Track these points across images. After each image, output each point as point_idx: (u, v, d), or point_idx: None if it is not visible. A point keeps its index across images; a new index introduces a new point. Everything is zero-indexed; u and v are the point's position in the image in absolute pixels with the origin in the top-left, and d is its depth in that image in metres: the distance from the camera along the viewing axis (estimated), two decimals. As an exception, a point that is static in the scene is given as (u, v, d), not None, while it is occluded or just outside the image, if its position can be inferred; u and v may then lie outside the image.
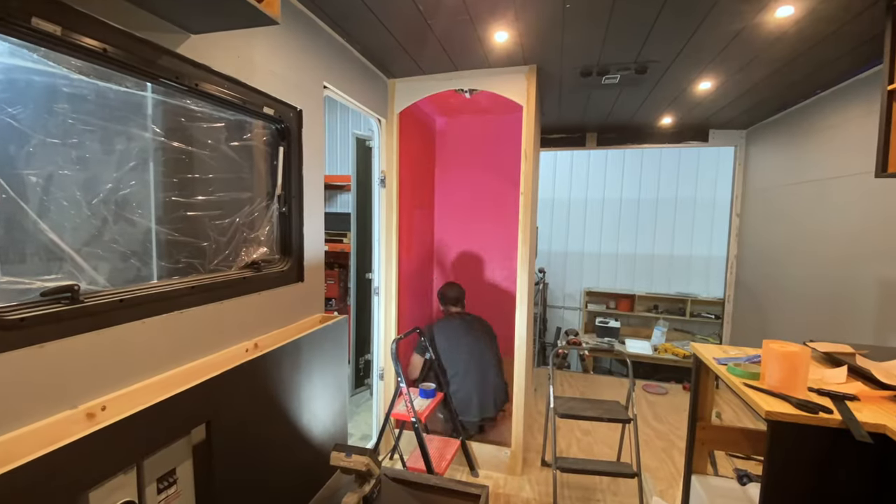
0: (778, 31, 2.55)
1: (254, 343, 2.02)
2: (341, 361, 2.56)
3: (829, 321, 3.48)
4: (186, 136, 1.72)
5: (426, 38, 2.73)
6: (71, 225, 1.32)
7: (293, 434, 2.12)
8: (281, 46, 2.16)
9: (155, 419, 1.39)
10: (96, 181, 1.39)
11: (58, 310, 1.24)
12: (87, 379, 1.33)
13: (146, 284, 1.54)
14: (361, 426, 4.20)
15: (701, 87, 3.59)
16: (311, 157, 2.40)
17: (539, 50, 2.90)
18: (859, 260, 3.17)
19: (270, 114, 2.06)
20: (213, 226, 1.85)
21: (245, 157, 2.02)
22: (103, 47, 1.31)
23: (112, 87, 1.42)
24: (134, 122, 1.51)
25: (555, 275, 7.14)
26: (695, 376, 2.34)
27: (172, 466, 1.52)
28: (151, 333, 1.53)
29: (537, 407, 4.63)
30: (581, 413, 3.17)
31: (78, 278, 1.32)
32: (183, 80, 1.60)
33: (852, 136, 3.28)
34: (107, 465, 1.26)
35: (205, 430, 1.61)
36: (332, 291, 5.34)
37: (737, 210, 5.19)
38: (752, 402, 1.68)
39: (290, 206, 2.25)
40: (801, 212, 3.92)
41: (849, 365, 1.91)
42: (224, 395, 1.68)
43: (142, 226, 1.55)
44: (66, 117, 1.29)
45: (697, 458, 2.38)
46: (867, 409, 1.59)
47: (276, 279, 2.18)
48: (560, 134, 5.54)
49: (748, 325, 4.96)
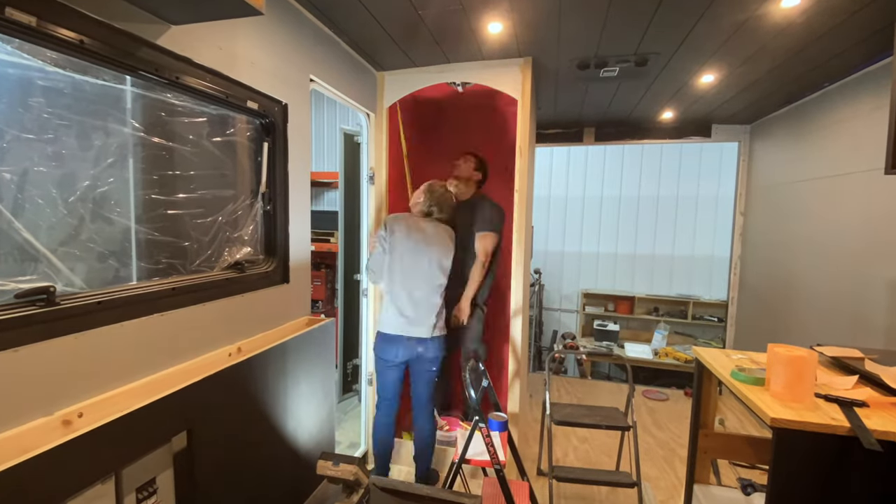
0: (783, 22, 2.58)
1: (237, 347, 2.02)
2: (328, 366, 2.57)
3: (837, 324, 3.49)
4: (167, 132, 1.73)
5: (417, 29, 2.75)
6: (46, 224, 1.32)
7: (278, 442, 2.12)
8: (265, 38, 2.17)
9: (134, 426, 1.39)
10: (73, 178, 1.40)
11: (33, 312, 1.24)
12: (64, 384, 1.34)
13: (125, 286, 1.55)
14: (349, 433, 4.21)
15: (703, 81, 3.62)
16: (296, 152, 2.40)
17: (534, 41, 2.92)
18: (869, 260, 3.18)
19: (254, 108, 2.07)
20: (194, 225, 1.86)
21: (228, 154, 2.03)
22: (80, 39, 1.31)
23: (89, 81, 1.43)
24: (112, 116, 1.51)
25: (551, 276, 7.17)
26: (697, 382, 2.35)
27: (152, 476, 1.52)
28: (131, 337, 1.54)
29: (533, 414, 4.65)
30: (578, 420, 3.18)
31: (54, 279, 1.32)
32: (163, 73, 1.61)
33: (861, 131, 3.29)
34: (84, 474, 1.27)
35: (186, 437, 1.62)
36: (318, 293, 5.34)
37: (741, 208, 5.23)
38: (757, 409, 1.69)
39: (275, 204, 2.26)
40: (808, 210, 3.94)
41: (857, 370, 1.92)
42: (206, 402, 1.69)
43: (120, 225, 1.56)
44: (42, 112, 1.30)
45: (700, 468, 2.39)
46: (877, 416, 1.59)
47: (261, 280, 2.19)
48: (556, 129, 5.57)
49: (753, 328, 5.00)
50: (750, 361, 2.11)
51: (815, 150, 3.87)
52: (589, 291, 6.93)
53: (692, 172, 6.59)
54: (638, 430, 3.34)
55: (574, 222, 7.09)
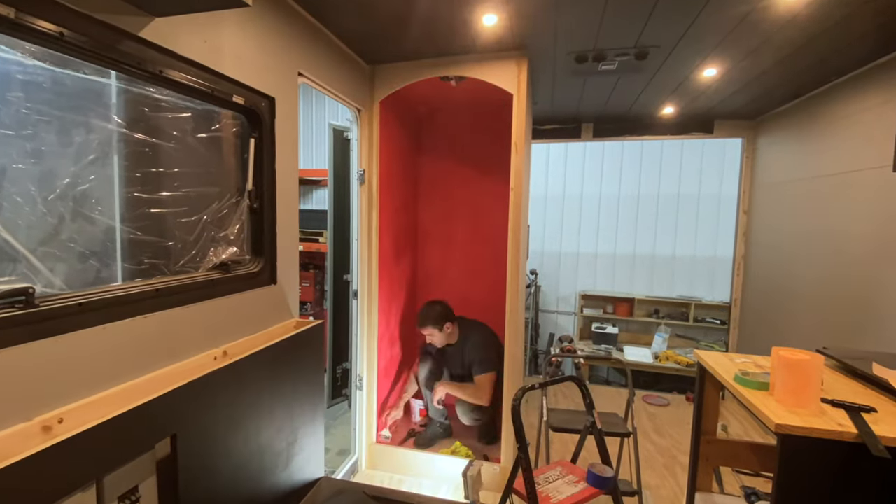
0: (789, 13, 2.59)
1: (223, 351, 2.03)
2: (317, 370, 2.57)
3: (844, 327, 3.49)
4: (150, 127, 1.73)
5: (408, 21, 2.75)
6: (25, 223, 1.33)
7: (265, 448, 2.13)
8: (252, 30, 2.17)
9: (117, 432, 1.40)
10: (53, 176, 1.40)
11: (11, 314, 1.24)
12: (43, 389, 1.34)
13: (107, 287, 1.55)
14: (339, 440, 4.21)
15: (705, 75, 3.64)
16: (284, 149, 2.41)
17: (531, 34, 2.93)
18: (879, 261, 3.16)
19: (241, 103, 2.08)
20: (178, 224, 1.86)
21: (213, 150, 2.04)
22: (60, 31, 1.32)
23: (70, 74, 1.44)
24: (94, 111, 1.52)
25: (548, 277, 7.19)
26: (699, 386, 2.37)
27: (135, 483, 1.53)
28: (113, 340, 1.54)
29: (529, 419, 4.66)
30: (576, 426, 3.19)
31: (33, 280, 1.33)
32: (146, 67, 1.61)
33: (870, 126, 3.28)
34: (64, 481, 1.27)
35: (170, 444, 1.63)
36: (307, 295, 5.35)
37: (744, 207, 5.26)
38: (761, 415, 1.70)
39: (262, 203, 2.26)
40: (815, 209, 3.95)
41: (864, 374, 1.94)
42: (191, 407, 1.69)
43: (102, 224, 1.56)
44: (20, 107, 1.30)
45: (702, 475, 2.40)
46: (885, 422, 1.60)
47: (247, 281, 2.19)
48: (553, 125, 5.59)
49: (757, 331, 5.03)
50: (754, 365, 2.12)
51: (822, 146, 3.88)
52: (587, 293, 6.94)
53: (694, 170, 6.61)
54: (638, 436, 3.37)
55: (571, 221, 7.10)
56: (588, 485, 2.40)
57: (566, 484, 2.35)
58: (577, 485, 2.34)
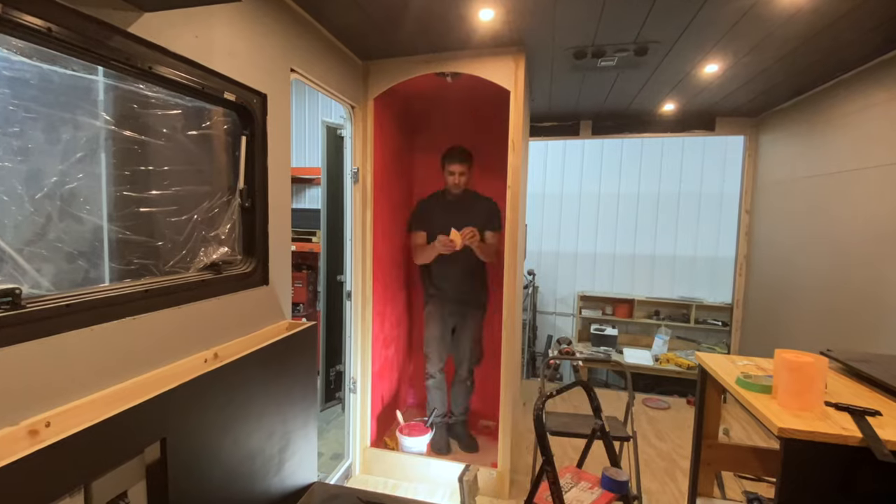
0: (792, 8, 2.59)
1: (213, 353, 2.03)
2: (310, 373, 2.58)
3: (849, 329, 3.50)
4: (139, 125, 1.73)
5: (403, 16, 2.76)
6: (11, 222, 1.33)
7: (256, 452, 2.13)
8: (244, 25, 2.18)
9: (105, 436, 1.40)
10: (40, 174, 1.40)
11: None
12: (30, 392, 1.34)
13: (95, 288, 1.55)
14: (332, 444, 4.22)
15: (706, 71, 3.66)
16: (276, 147, 2.41)
17: (528, 29, 2.94)
18: (884, 261, 3.16)
19: (232, 99, 2.08)
20: (168, 223, 1.86)
21: (204, 148, 2.04)
22: (48, 27, 1.32)
23: (58, 71, 1.44)
24: (82, 108, 1.52)
25: (545, 277, 7.19)
26: (700, 389, 2.37)
27: (124, 489, 1.53)
28: (101, 342, 1.54)
29: (526, 423, 4.67)
30: (575, 430, 3.19)
31: (19, 281, 1.33)
32: (135, 63, 1.61)
33: (876, 123, 3.29)
34: (51, 487, 1.27)
35: (159, 448, 1.63)
36: (299, 295, 5.34)
37: (746, 206, 5.28)
38: (764, 418, 1.70)
39: (254, 202, 2.26)
40: (819, 207, 3.95)
41: (869, 377, 1.94)
42: (181, 411, 1.69)
43: (90, 223, 1.56)
44: (7, 103, 1.30)
45: (703, 480, 2.41)
46: (891, 426, 1.60)
47: (239, 282, 2.19)
48: (551, 122, 5.60)
49: (759, 332, 5.04)
50: (756, 368, 2.13)
51: (827, 143, 3.89)
52: (586, 294, 6.95)
53: (695, 168, 6.62)
54: (638, 440, 3.37)
55: (570, 220, 7.10)
56: (604, 490, 2.38)
57: (581, 491, 2.34)
58: (592, 491, 2.33)
